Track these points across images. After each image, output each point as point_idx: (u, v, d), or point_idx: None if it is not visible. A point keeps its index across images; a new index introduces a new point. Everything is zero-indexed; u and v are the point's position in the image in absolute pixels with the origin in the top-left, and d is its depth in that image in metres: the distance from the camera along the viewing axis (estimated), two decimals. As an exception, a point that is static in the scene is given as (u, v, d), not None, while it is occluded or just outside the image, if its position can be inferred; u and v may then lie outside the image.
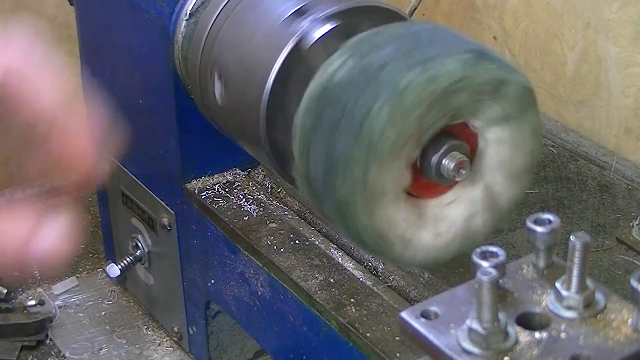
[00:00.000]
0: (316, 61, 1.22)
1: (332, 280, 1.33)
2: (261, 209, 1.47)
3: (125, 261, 1.77)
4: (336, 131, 1.08)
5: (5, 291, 1.88)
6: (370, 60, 1.08)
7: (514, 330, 0.86)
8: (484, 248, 0.89)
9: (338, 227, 1.17)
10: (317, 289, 1.32)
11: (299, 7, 1.27)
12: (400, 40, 1.09)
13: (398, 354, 1.19)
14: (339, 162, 1.09)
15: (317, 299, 1.31)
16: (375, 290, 1.30)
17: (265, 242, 1.40)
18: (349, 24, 1.24)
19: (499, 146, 1.13)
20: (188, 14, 1.42)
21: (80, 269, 1.98)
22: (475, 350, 0.85)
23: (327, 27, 1.23)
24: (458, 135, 1.12)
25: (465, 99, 1.06)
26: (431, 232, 1.14)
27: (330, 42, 1.22)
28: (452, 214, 1.15)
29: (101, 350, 1.80)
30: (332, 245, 1.39)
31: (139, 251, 1.76)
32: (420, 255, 1.15)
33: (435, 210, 1.15)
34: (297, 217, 1.46)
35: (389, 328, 1.24)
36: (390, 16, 1.20)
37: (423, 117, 1.05)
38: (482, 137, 1.13)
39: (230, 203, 1.49)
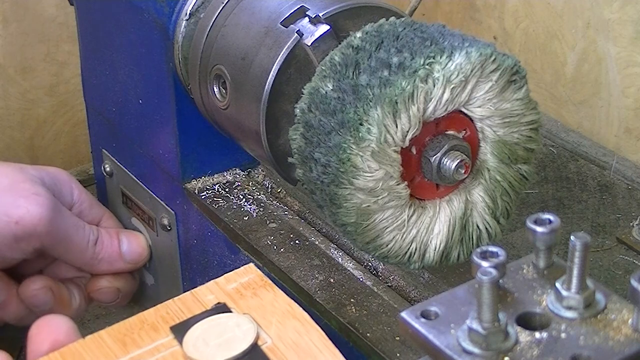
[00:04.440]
0: (316, 60, 1.22)
1: (332, 280, 1.33)
2: (261, 209, 1.47)
3: (125, 261, 1.77)
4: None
5: (5, 291, 1.87)
6: None
7: (514, 330, 0.87)
8: (484, 248, 0.89)
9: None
10: (317, 289, 1.32)
11: (299, 6, 1.27)
12: None
13: (398, 354, 1.19)
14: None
15: (317, 299, 1.30)
16: (375, 290, 1.30)
17: (265, 242, 1.40)
18: (349, 23, 1.24)
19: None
20: (188, 14, 1.42)
21: (80, 269, 1.97)
22: (476, 350, 0.85)
23: (327, 26, 1.23)
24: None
25: None
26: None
27: (330, 41, 1.22)
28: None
29: (101, 350, 1.80)
30: (332, 245, 1.39)
31: (139, 251, 1.76)
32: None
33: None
34: (297, 217, 1.46)
35: (389, 328, 1.24)
36: (391, 16, 1.20)
37: None
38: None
39: (230, 203, 1.49)
